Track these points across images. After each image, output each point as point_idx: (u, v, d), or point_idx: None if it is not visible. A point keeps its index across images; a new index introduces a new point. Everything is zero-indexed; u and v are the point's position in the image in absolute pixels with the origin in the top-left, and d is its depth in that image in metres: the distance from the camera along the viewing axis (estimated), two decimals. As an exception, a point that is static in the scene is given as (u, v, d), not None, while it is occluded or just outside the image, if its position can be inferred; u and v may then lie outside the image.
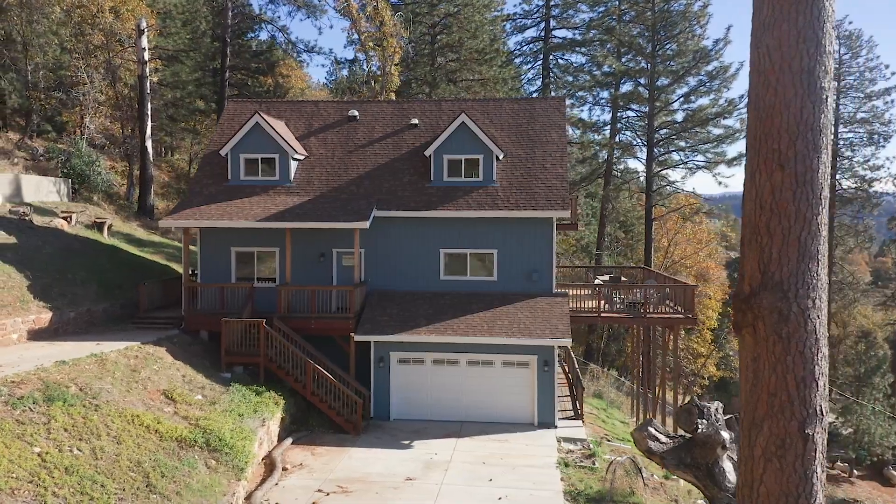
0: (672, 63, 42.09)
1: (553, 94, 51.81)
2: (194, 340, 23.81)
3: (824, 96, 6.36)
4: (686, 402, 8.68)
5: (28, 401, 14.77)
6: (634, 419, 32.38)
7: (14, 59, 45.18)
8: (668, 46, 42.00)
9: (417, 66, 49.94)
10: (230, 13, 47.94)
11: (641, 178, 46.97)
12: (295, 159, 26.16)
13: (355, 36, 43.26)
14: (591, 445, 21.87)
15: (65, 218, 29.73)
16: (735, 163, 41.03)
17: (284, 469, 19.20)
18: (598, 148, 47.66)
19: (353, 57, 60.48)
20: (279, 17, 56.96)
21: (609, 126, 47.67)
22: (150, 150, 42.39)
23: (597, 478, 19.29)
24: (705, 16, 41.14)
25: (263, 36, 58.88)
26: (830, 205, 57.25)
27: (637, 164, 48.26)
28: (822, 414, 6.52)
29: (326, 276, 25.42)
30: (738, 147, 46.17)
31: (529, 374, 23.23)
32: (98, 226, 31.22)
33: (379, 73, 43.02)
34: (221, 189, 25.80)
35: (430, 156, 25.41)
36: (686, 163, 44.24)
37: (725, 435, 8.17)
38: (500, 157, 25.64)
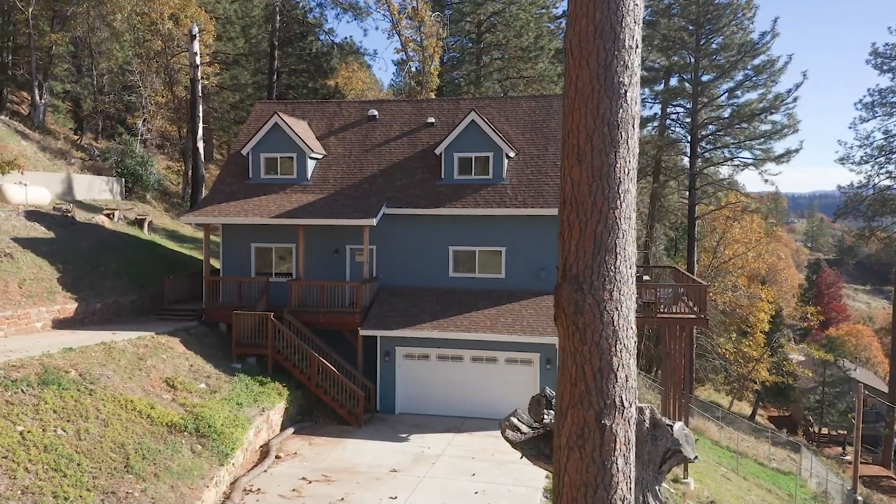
0: (718, 57, 40.96)
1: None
2: (212, 332, 24.89)
3: (622, 91, 6.36)
4: (538, 392, 8.73)
5: (22, 383, 15.90)
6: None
7: (85, 65, 48.11)
8: (712, 40, 40.88)
9: (463, 65, 50.26)
10: (278, 17, 49.34)
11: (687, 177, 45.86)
12: (312, 158, 26.95)
13: (396, 37, 43.89)
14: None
15: (107, 215, 31.51)
16: (783, 160, 39.61)
17: (278, 457, 19.91)
18: (643, 144, 46.79)
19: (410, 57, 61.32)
20: (326, 20, 58.18)
21: (656, 122, 46.75)
22: (201, 150, 44.08)
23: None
24: (752, 8, 39.85)
25: (316, 39, 60.39)
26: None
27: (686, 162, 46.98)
28: (623, 406, 6.54)
29: (340, 271, 26.10)
30: (787, 143, 44.14)
31: (532, 372, 23.24)
32: (139, 222, 32.94)
33: (420, 72, 43.54)
34: (242, 187, 26.85)
35: (440, 154, 25.73)
36: (732, 159, 43.03)
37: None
38: (511, 155, 25.71)
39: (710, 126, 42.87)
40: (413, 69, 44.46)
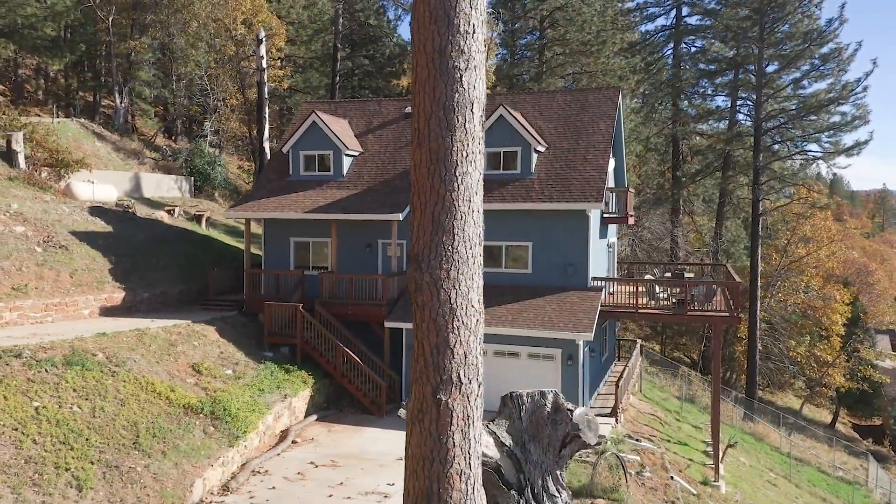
0: (783, 46, 39.19)
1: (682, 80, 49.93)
2: (250, 322, 25.98)
3: (458, 76, 6.49)
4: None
5: (46, 363, 17.19)
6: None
7: (170, 70, 50.91)
8: (777, 29, 39.15)
9: (525, 61, 50.15)
10: (340, 20, 50.64)
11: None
12: (348, 155, 27.69)
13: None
14: (608, 442, 21.44)
15: (168, 211, 33.31)
16: (853, 152, 37.54)
17: (294, 442, 20.66)
18: (710, 139, 45.35)
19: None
20: (388, 21, 59.33)
21: (720, 115, 45.23)
22: (267, 150, 45.88)
23: (592, 472, 19.02)
24: (820, -7, 37.97)
25: (388, 41, 61.54)
26: None
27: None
28: (461, 382, 6.69)
29: (373, 265, 26.70)
30: (856, 135, 41.95)
31: (554, 367, 23.12)
32: (197, 218, 34.63)
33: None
34: (283, 184, 27.89)
35: (470, 149, 25.88)
36: (800, 153, 41.14)
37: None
38: (541, 149, 25.61)
39: (780, 118, 41.12)
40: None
